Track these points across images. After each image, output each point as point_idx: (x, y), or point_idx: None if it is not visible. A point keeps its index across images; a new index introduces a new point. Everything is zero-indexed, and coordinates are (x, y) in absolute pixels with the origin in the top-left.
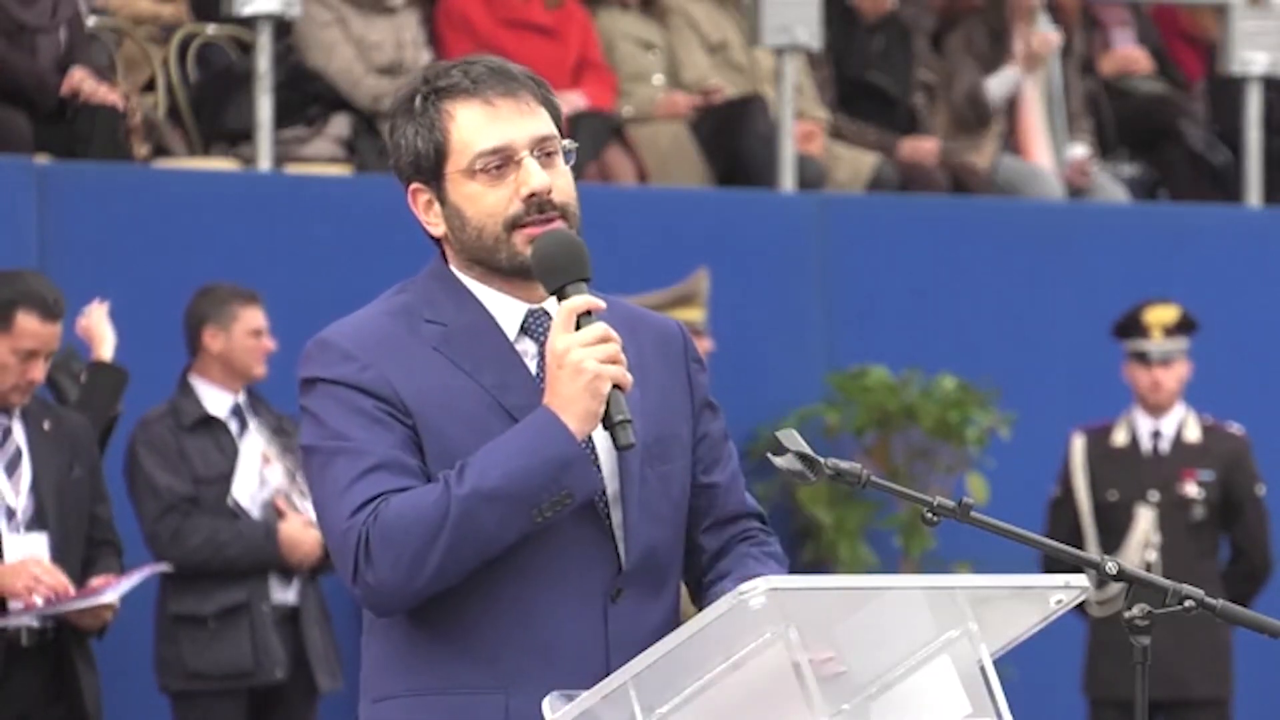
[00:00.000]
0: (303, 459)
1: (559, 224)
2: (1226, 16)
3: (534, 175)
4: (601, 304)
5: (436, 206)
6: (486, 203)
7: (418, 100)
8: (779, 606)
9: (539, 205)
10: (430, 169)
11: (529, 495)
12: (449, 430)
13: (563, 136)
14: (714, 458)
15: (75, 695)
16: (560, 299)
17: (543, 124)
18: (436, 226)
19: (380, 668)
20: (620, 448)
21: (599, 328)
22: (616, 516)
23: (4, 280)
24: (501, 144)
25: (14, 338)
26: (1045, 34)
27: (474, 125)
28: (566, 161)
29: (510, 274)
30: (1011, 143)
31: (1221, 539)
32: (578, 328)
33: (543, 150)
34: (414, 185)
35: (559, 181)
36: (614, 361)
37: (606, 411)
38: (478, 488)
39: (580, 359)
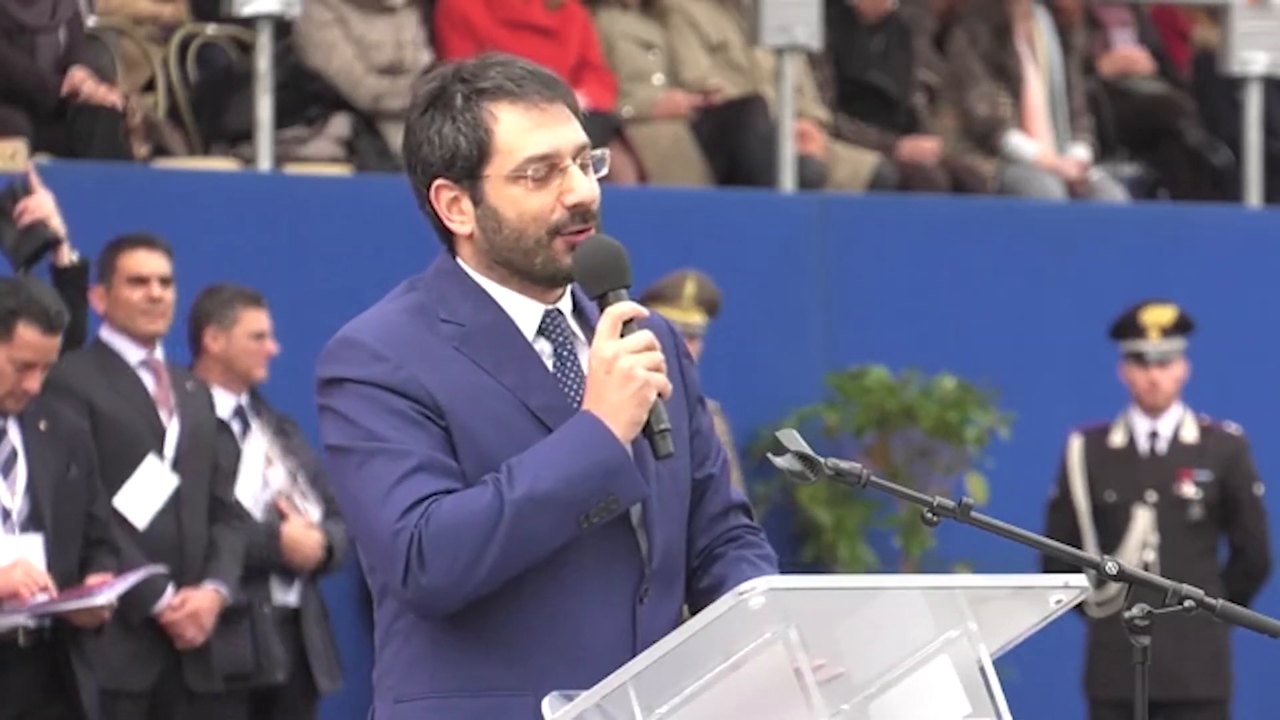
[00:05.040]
0: (330, 459)
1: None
2: (1226, 16)
3: (581, 184)
4: (645, 312)
5: (466, 205)
6: (530, 207)
7: (458, 98)
8: (779, 606)
9: (582, 215)
10: (467, 168)
11: (579, 501)
12: (479, 430)
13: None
14: (706, 452)
15: (73, 695)
16: (603, 305)
17: (581, 132)
18: (463, 225)
19: (401, 669)
20: (659, 456)
21: (645, 335)
22: (637, 516)
23: (6, 289)
24: (551, 150)
25: (13, 348)
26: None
27: (521, 129)
28: (596, 170)
29: (541, 280)
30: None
31: (1220, 539)
32: (622, 335)
33: (583, 159)
34: (440, 181)
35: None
36: (658, 370)
37: (647, 420)
38: (531, 492)
39: (630, 366)
